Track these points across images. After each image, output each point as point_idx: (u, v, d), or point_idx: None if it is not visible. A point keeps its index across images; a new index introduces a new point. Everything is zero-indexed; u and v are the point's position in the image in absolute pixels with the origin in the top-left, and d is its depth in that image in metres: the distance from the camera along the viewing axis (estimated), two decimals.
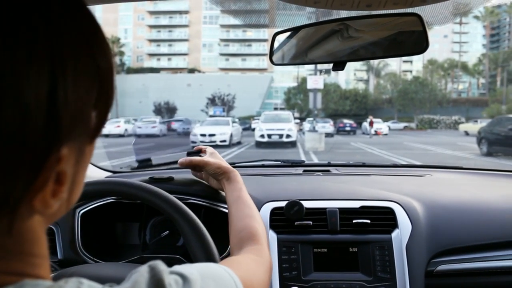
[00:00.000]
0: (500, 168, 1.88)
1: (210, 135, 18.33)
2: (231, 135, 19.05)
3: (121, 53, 60.70)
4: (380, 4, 0.69)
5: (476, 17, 60.33)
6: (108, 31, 65.02)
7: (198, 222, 0.89)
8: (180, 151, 1.34)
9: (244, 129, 26.15)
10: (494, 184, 1.64)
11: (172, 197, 0.91)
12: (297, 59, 0.99)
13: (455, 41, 71.65)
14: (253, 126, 29.84)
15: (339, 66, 0.82)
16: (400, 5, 0.69)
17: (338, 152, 16.52)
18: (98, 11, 68.48)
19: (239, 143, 20.22)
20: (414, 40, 0.82)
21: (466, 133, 29.38)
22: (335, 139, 24.65)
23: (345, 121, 34.79)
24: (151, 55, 71.39)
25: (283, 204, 1.25)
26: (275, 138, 18.07)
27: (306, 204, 1.25)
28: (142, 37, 70.90)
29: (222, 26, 68.75)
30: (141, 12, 70.40)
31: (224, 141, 18.48)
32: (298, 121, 32.37)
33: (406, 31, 0.84)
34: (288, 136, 18.23)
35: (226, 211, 1.28)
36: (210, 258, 0.86)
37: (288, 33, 0.95)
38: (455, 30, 71.43)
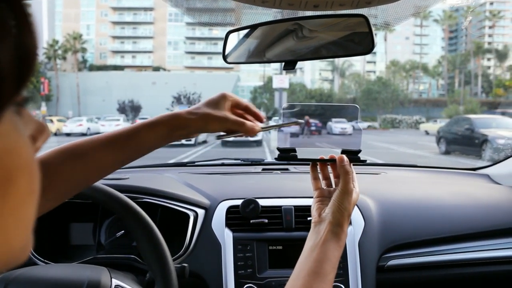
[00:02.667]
0: (453, 166, 1.95)
1: None
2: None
3: (83, 50, 58.89)
4: (327, 5, 0.70)
5: (436, 21, 62.39)
6: (70, 26, 62.96)
7: (149, 221, 0.88)
8: None
9: None
10: (444, 181, 1.71)
11: (122, 196, 0.89)
12: (252, 58, 0.99)
13: (416, 43, 73.71)
14: None
15: (289, 65, 0.83)
16: (346, 7, 0.71)
17: None
18: (59, 6, 66.38)
19: (204, 142, 20.05)
20: (362, 41, 0.84)
21: (426, 133, 30.22)
22: None
23: (311, 120, 35.14)
24: (115, 52, 69.66)
25: (239, 202, 1.26)
26: (240, 137, 18.01)
27: (262, 202, 1.26)
28: (105, 34, 69.06)
29: (188, 24, 67.96)
30: (104, 8, 68.57)
31: (190, 140, 18.28)
32: None
33: (356, 32, 0.86)
34: None
35: (184, 210, 1.28)
36: (160, 259, 0.85)
37: (242, 32, 0.95)
38: (416, 33, 73.49)
